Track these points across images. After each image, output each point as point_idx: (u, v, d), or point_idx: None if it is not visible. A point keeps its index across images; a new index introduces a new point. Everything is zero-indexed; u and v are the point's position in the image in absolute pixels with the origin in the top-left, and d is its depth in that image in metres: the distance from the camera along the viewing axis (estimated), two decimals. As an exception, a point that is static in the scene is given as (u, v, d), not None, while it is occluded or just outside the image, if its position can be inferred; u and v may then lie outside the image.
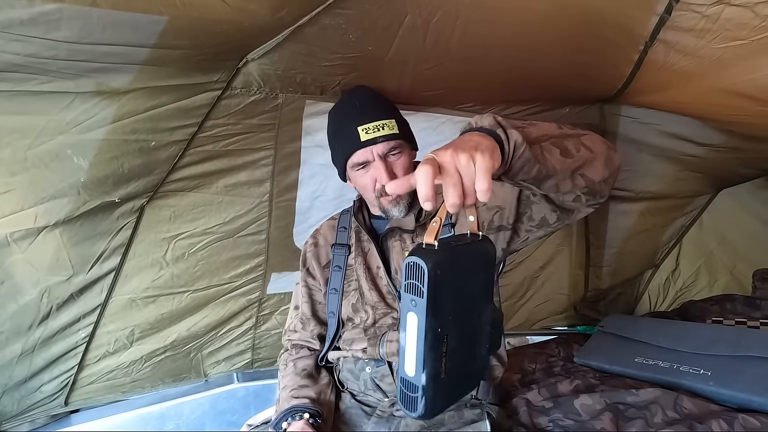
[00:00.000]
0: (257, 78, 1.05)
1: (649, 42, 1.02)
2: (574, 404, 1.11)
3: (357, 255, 1.06)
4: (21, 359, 1.15)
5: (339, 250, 1.08)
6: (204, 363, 1.48)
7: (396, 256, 1.02)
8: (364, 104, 1.02)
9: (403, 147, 1.00)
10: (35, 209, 1.00)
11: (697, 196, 1.87)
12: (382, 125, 0.96)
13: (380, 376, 0.97)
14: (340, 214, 1.17)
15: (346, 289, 1.05)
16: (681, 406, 1.10)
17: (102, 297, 1.20)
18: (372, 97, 1.05)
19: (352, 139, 0.97)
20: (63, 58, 0.81)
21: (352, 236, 1.09)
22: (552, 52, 1.12)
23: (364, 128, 0.96)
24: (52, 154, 0.96)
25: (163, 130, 1.03)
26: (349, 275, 1.05)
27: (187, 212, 1.22)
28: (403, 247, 1.02)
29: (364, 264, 1.04)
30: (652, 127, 1.53)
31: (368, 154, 0.97)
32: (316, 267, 1.12)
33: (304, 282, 1.14)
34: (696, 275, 2.00)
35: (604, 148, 0.76)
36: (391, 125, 0.98)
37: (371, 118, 0.97)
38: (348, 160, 1.00)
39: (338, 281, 1.06)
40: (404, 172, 0.99)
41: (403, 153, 1.00)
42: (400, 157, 0.99)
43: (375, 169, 0.98)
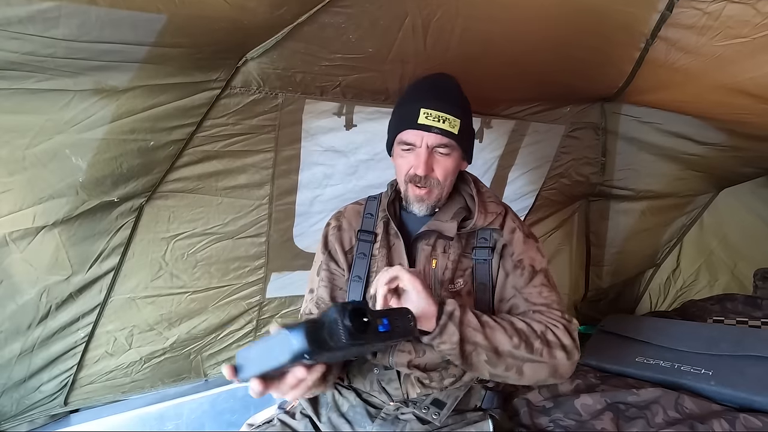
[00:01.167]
0: (257, 77, 1.05)
1: (650, 40, 1.02)
2: (574, 404, 1.11)
3: (381, 246, 1.01)
4: (20, 359, 1.14)
5: (365, 237, 1.03)
6: (204, 364, 1.47)
7: (423, 260, 0.98)
8: (439, 90, 0.98)
9: (454, 150, 0.96)
10: (34, 209, 0.99)
11: (697, 196, 1.87)
12: (444, 118, 0.92)
13: (387, 380, 0.96)
14: (366, 200, 1.11)
15: (370, 280, 0.99)
16: (682, 405, 1.09)
17: (101, 297, 1.19)
18: (450, 89, 1.00)
19: (411, 116, 0.93)
20: (61, 56, 0.80)
21: (379, 225, 1.04)
22: (553, 50, 1.12)
23: (426, 112, 0.92)
24: (51, 153, 0.95)
25: (162, 129, 1.03)
26: (374, 264, 1.01)
27: (186, 213, 1.22)
28: (433, 255, 0.98)
29: (387, 258, 0.99)
30: (653, 125, 1.53)
31: (418, 138, 0.94)
32: (339, 251, 1.05)
33: (326, 266, 1.05)
34: (696, 275, 2.01)
35: (547, 375, 0.85)
36: (454, 123, 0.93)
37: (437, 107, 0.93)
38: (399, 134, 0.97)
39: (362, 269, 1.00)
40: (443, 174, 0.96)
41: (452, 156, 0.96)
42: (446, 158, 0.95)
43: (416, 156, 0.95)
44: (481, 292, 0.96)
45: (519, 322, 0.85)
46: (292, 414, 1.01)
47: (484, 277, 0.96)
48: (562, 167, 1.63)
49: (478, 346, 0.80)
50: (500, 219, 0.99)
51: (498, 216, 0.99)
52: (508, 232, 0.98)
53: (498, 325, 0.83)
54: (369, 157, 1.40)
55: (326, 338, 0.56)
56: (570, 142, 1.57)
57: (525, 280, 0.94)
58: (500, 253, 0.97)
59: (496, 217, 0.98)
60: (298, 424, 0.97)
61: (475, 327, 0.81)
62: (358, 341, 0.58)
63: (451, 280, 0.96)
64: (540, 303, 0.92)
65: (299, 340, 0.55)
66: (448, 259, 0.97)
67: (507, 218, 1.01)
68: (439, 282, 0.96)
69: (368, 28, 0.97)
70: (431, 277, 0.97)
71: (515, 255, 0.96)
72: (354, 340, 0.57)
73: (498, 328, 0.82)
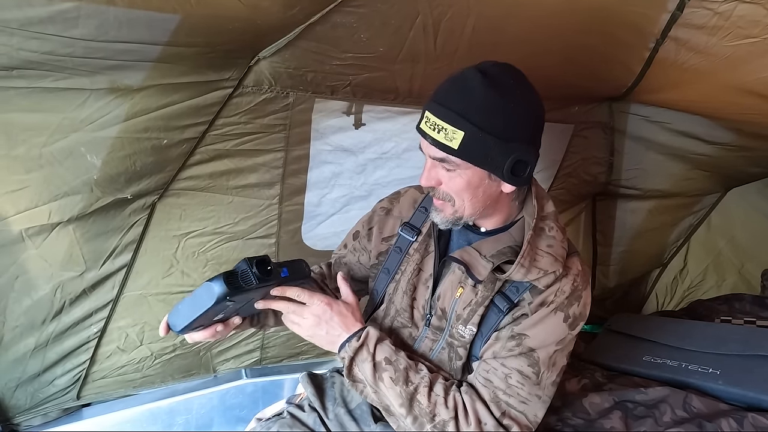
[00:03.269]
0: (268, 76, 1.06)
1: (660, 39, 1.02)
2: (582, 403, 1.12)
3: (418, 250, 0.91)
4: (34, 353, 1.16)
5: (407, 232, 0.93)
6: (213, 361, 1.49)
7: (449, 283, 0.86)
8: (452, 89, 0.75)
9: (460, 168, 0.75)
10: (49, 206, 1.01)
11: (705, 195, 1.86)
12: (440, 127, 0.72)
13: None
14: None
15: (396, 277, 0.93)
16: (690, 405, 1.10)
17: (114, 293, 1.21)
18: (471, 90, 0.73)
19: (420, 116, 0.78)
20: (79, 56, 0.82)
21: (427, 224, 0.92)
22: (562, 49, 1.12)
23: (428, 116, 0.75)
24: (66, 151, 0.96)
25: (175, 128, 1.04)
26: (405, 263, 0.92)
27: (197, 211, 1.23)
28: (462, 283, 0.84)
29: (418, 263, 0.90)
30: (662, 125, 1.53)
31: (423, 144, 0.78)
32: (376, 235, 0.98)
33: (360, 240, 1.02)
34: (704, 274, 2.00)
35: None
36: (452, 136, 0.72)
37: (437, 112, 0.73)
38: None
39: (394, 264, 0.93)
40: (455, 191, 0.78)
41: (459, 174, 0.76)
42: (452, 175, 0.77)
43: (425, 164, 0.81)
44: (476, 342, 0.84)
45: (422, 395, 0.78)
46: (301, 407, 1.02)
47: (487, 326, 0.82)
48: (570, 167, 1.63)
49: (370, 395, 0.82)
50: (548, 279, 0.78)
51: (546, 276, 0.78)
52: (537, 302, 0.79)
53: (396, 385, 0.79)
54: (377, 156, 1.41)
55: (240, 282, 0.72)
56: (578, 142, 1.57)
57: (507, 355, 0.78)
58: (513, 315, 0.81)
59: (543, 276, 0.78)
60: (308, 417, 0.98)
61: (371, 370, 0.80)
62: (265, 283, 0.75)
63: (465, 322, 0.83)
64: (496, 387, 0.78)
65: (219, 285, 0.69)
66: (475, 296, 0.83)
67: (558, 283, 0.79)
68: (455, 315, 0.84)
69: (379, 28, 0.98)
70: (450, 306, 0.85)
71: (521, 326, 0.79)
72: (260, 282, 0.73)
73: (393, 389, 0.79)
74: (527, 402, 0.78)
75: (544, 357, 0.78)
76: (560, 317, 0.79)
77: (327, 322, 0.81)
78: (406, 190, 1.02)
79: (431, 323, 0.89)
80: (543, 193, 0.86)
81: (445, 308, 0.86)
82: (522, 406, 0.78)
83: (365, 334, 0.82)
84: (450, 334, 0.86)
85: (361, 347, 0.81)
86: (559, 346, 0.79)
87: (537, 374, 0.77)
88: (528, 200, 0.85)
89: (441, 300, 0.87)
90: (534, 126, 0.78)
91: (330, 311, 0.81)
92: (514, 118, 0.74)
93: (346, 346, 0.81)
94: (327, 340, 0.83)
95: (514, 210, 0.86)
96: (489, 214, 0.85)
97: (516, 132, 0.74)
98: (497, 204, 0.83)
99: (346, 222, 1.47)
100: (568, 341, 0.81)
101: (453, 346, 0.86)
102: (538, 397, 0.79)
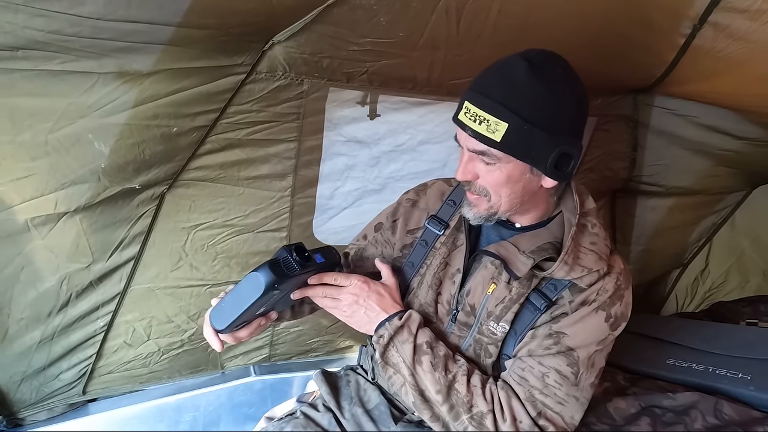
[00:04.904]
0: (283, 62, 1.01)
1: (697, 25, 0.96)
2: (607, 408, 1.07)
3: (445, 243, 0.87)
4: (40, 347, 1.13)
5: (434, 226, 0.89)
6: (221, 357, 1.45)
7: (480, 279, 0.82)
8: (492, 79, 0.71)
9: (501, 162, 0.71)
10: (55, 195, 0.97)
11: (729, 193, 1.80)
12: (483, 119, 0.68)
13: None
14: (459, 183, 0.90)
15: (421, 270, 0.89)
16: (721, 411, 1.05)
17: (121, 286, 1.18)
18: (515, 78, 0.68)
19: (458, 107, 0.73)
20: (86, 36, 0.78)
21: (455, 218, 0.88)
22: (591, 35, 1.06)
23: (467, 106, 0.70)
24: (73, 138, 0.93)
25: (185, 115, 1.00)
26: (430, 257, 0.89)
27: (207, 202, 1.19)
28: (494, 278, 0.80)
29: (445, 257, 0.86)
30: (688, 119, 1.47)
31: (461, 135, 0.74)
32: (401, 227, 0.94)
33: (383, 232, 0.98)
34: (726, 275, 1.94)
35: None
36: (495, 127, 0.67)
37: (479, 102, 0.69)
38: None
39: (419, 257, 0.90)
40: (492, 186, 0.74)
41: (499, 167, 0.72)
42: (491, 169, 0.72)
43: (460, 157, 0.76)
44: (509, 340, 0.79)
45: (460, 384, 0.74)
46: (315, 406, 0.98)
47: (521, 325, 0.78)
48: (591, 162, 1.57)
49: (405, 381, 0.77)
50: (591, 278, 0.75)
51: (590, 274, 0.74)
52: (579, 301, 0.75)
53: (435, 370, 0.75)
54: (391, 149, 1.37)
55: (284, 270, 0.71)
56: (600, 136, 1.51)
57: (544, 353, 0.74)
58: (551, 314, 0.77)
59: (587, 274, 0.74)
60: (322, 417, 0.94)
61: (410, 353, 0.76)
62: (307, 269, 0.74)
63: (498, 319, 0.79)
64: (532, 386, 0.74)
65: (266, 274, 0.68)
66: (509, 293, 0.78)
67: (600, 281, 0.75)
68: (486, 312, 0.80)
69: (400, 11, 0.93)
70: (481, 303, 0.81)
71: (560, 324, 0.75)
72: (303, 268, 0.73)
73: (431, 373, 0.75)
74: (564, 403, 0.74)
75: (583, 357, 0.74)
76: (602, 317, 0.74)
77: (365, 300, 0.80)
78: (434, 182, 0.98)
79: (457, 319, 0.84)
80: (582, 189, 0.82)
81: (474, 304, 0.82)
82: (559, 407, 0.74)
83: (408, 315, 0.80)
84: (479, 331, 0.82)
85: (402, 327, 0.78)
86: (599, 346, 0.75)
87: (576, 374, 0.73)
88: (567, 195, 0.81)
89: (471, 295, 0.83)
90: (580, 117, 0.73)
91: (368, 290, 0.80)
92: (561, 109, 0.69)
93: (386, 324, 0.78)
94: (364, 320, 0.80)
95: (552, 206, 0.82)
96: (525, 210, 0.80)
97: (562, 124, 0.69)
98: (535, 199, 0.78)
99: (358, 216, 1.43)
100: (608, 342, 0.77)
101: (482, 344, 0.82)
102: (576, 398, 0.74)
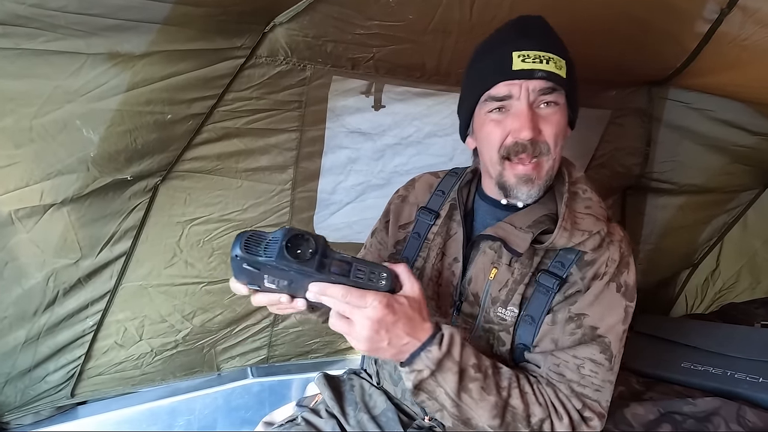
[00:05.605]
0: (284, 45, 0.96)
1: (725, 9, 0.91)
2: (624, 414, 1.02)
3: (439, 234, 0.84)
4: (25, 347, 1.07)
5: (425, 216, 0.88)
6: (217, 358, 1.40)
7: (480, 265, 0.79)
8: (530, 29, 0.73)
9: (561, 101, 0.72)
10: (41, 185, 0.92)
11: (742, 191, 1.75)
12: (547, 58, 0.69)
13: None
14: (445, 174, 0.93)
15: (416, 264, 0.85)
16: (744, 418, 1.00)
17: (111, 283, 1.12)
18: (543, 25, 0.75)
19: (501, 65, 0.70)
20: (73, 11, 0.72)
21: (445, 206, 0.87)
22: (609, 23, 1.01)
23: (521, 54, 0.69)
24: (60, 124, 0.87)
25: (181, 101, 0.95)
26: (424, 249, 0.86)
27: (204, 195, 1.14)
28: (495, 263, 0.77)
29: (441, 248, 0.83)
30: (704, 113, 1.42)
31: (515, 89, 0.70)
32: (392, 223, 0.93)
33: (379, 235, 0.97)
34: (737, 276, 1.89)
35: None
36: (560, 64, 0.70)
37: (534, 46, 0.70)
38: (485, 93, 0.73)
39: (413, 251, 0.86)
40: (554, 137, 0.72)
41: (561, 109, 0.73)
42: (556, 113, 0.72)
43: (514, 117, 0.71)
44: (524, 328, 0.75)
45: (515, 397, 0.67)
46: (317, 412, 0.92)
47: (536, 309, 0.74)
48: (603, 157, 1.52)
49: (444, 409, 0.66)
50: (594, 241, 0.73)
51: (591, 237, 0.72)
52: (590, 276, 0.73)
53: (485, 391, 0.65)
54: (396, 141, 1.31)
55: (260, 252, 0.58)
56: (613, 130, 1.46)
57: (572, 342, 0.72)
58: (564, 293, 0.74)
59: (588, 238, 0.72)
60: (325, 424, 0.89)
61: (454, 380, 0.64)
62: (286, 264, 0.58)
63: (505, 304, 0.76)
64: (570, 380, 0.71)
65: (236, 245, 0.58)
66: (511, 275, 0.76)
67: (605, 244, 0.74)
68: (490, 299, 0.77)
69: (411, -9, 0.87)
70: (484, 290, 0.77)
71: (578, 305, 0.72)
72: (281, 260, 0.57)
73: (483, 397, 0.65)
74: (601, 389, 0.72)
75: (614, 340, 0.72)
76: (613, 288, 0.73)
77: (388, 329, 0.60)
78: (421, 176, 0.98)
79: (461, 310, 0.80)
80: (568, 160, 0.82)
81: (477, 293, 0.78)
82: (596, 394, 0.71)
83: (448, 339, 0.64)
84: (486, 320, 0.77)
85: (445, 357, 0.63)
86: (624, 325, 0.73)
87: (610, 360, 0.71)
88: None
89: (473, 284, 0.79)
90: None
91: (392, 317, 0.60)
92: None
93: (421, 356, 0.63)
94: (389, 351, 0.63)
95: None
96: None
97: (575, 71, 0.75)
98: None
99: (361, 212, 1.37)
100: (629, 313, 0.74)
101: (493, 332, 0.77)
102: (610, 382, 0.73)
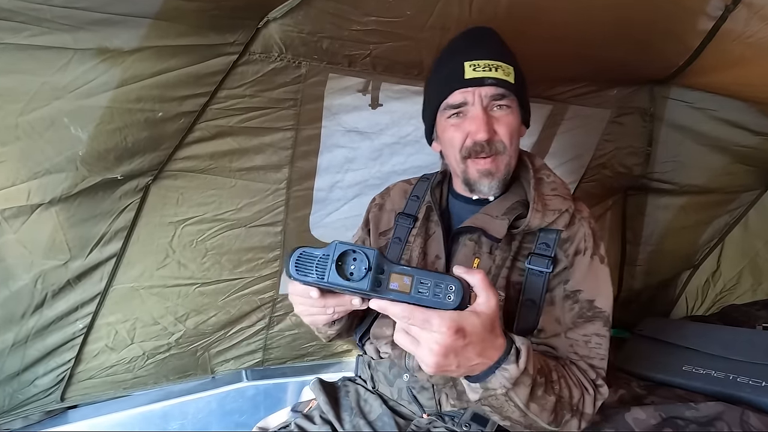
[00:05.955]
0: (279, 41, 0.93)
1: (731, 5, 0.89)
2: (625, 418, 1.00)
3: (418, 235, 0.89)
4: (13, 350, 1.05)
5: (403, 221, 0.93)
6: (211, 361, 1.37)
7: (463, 258, 0.84)
8: (479, 40, 0.83)
9: (513, 104, 0.81)
10: (28, 184, 0.89)
11: (744, 192, 1.73)
12: (495, 66, 0.78)
13: (419, 388, 0.84)
14: (417, 180, 1.00)
15: None
16: (748, 423, 0.98)
17: (102, 285, 1.09)
18: (491, 36, 0.85)
19: (455, 75, 0.79)
20: (59, 4, 0.70)
21: (422, 209, 0.92)
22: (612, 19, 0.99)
23: (472, 64, 0.78)
24: (47, 121, 0.85)
25: (172, 99, 0.92)
26: (407, 252, 0.90)
27: (197, 195, 1.12)
28: (476, 254, 0.83)
29: (422, 248, 0.88)
30: (706, 112, 1.40)
31: (469, 96, 0.79)
32: (373, 232, 0.98)
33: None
34: (738, 278, 1.87)
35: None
36: (508, 71, 0.79)
37: (484, 55, 0.79)
38: (443, 102, 0.82)
39: (395, 255, 0.91)
40: (508, 134, 0.80)
41: (512, 111, 0.81)
42: (508, 114, 0.80)
43: (471, 119, 0.79)
44: (527, 312, 0.79)
45: (564, 388, 0.69)
46: (311, 418, 0.90)
47: (535, 292, 0.79)
48: (604, 157, 1.50)
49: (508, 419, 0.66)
50: (565, 218, 0.80)
51: (561, 215, 0.80)
52: (572, 252, 0.80)
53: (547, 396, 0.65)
54: (394, 141, 1.29)
55: (313, 271, 0.56)
56: (614, 129, 1.44)
57: (574, 318, 0.78)
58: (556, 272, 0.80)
59: (559, 216, 0.80)
60: (319, 430, 0.86)
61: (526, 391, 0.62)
62: (339, 286, 0.55)
63: None
64: (583, 356, 0.77)
65: (288, 262, 0.56)
66: (493, 263, 0.81)
67: (576, 221, 0.82)
68: None
69: (409, -14, 0.85)
70: None
71: (572, 283, 0.79)
72: (334, 283, 0.54)
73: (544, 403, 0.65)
74: (604, 357, 0.78)
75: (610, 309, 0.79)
76: (597, 261, 0.81)
77: (457, 353, 0.56)
78: (394, 184, 1.04)
79: None
80: (529, 152, 0.91)
81: None
82: (602, 362, 0.78)
83: (525, 354, 0.60)
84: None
85: (522, 374, 0.60)
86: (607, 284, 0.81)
87: (609, 328, 0.79)
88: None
89: None
90: None
91: (462, 340, 0.55)
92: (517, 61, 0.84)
93: (497, 376, 0.59)
94: (457, 373, 0.59)
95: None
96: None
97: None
98: None
99: (358, 212, 1.34)
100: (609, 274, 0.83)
101: None
102: (607, 347, 0.79)
